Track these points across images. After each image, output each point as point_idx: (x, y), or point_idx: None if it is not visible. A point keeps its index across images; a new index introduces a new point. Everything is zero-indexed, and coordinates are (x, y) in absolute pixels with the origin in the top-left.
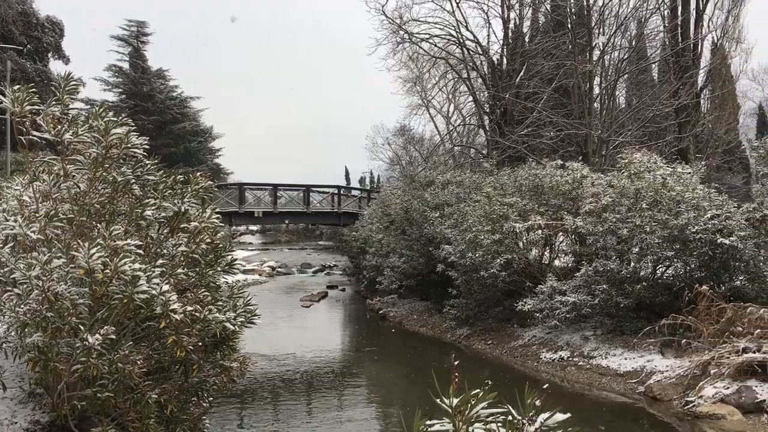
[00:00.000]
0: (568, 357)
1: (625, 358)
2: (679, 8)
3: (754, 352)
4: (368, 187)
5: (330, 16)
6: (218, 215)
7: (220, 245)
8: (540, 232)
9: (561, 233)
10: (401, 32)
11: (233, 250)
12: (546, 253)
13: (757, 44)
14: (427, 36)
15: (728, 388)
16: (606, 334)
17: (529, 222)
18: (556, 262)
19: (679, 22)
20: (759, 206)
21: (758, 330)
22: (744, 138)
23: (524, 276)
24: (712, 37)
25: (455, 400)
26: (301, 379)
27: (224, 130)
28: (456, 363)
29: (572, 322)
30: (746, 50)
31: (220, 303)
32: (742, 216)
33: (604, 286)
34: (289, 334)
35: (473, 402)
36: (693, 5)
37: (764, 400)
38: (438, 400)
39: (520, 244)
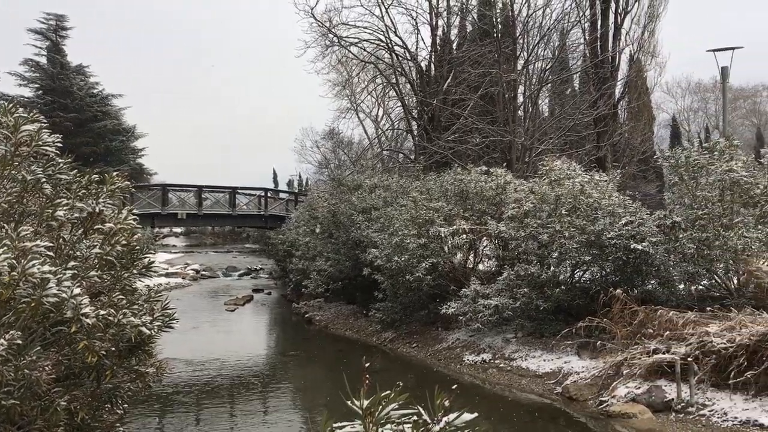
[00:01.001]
0: (490, 359)
1: (544, 360)
2: (599, 22)
3: (664, 353)
4: (296, 190)
5: (259, 16)
6: (136, 216)
7: (137, 247)
8: (465, 236)
9: (485, 238)
10: (330, 35)
11: (152, 252)
12: (470, 257)
13: (671, 59)
14: (357, 40)
15: (639, 387)
16: (526, 337)
17: (454, 226)
18: (480, 266)
19: (598, 35)
20: (669, 214)
21: (667, 332)
22: (658, 148)
23: (449, 280)
24: (630, 51)
25: (366, 402)
26: (224, 384)
27: (149, 130)
28: (367, 365)
29: (494, 325)
30: (660, 64)
31: (136, 307)
32: (654, 223)
33: (525, 289)
34: (213, 338)
35: (384, 403)
36: (611, 19)
37: (672, 399)
38: (349, 402)
39: (446, 248)
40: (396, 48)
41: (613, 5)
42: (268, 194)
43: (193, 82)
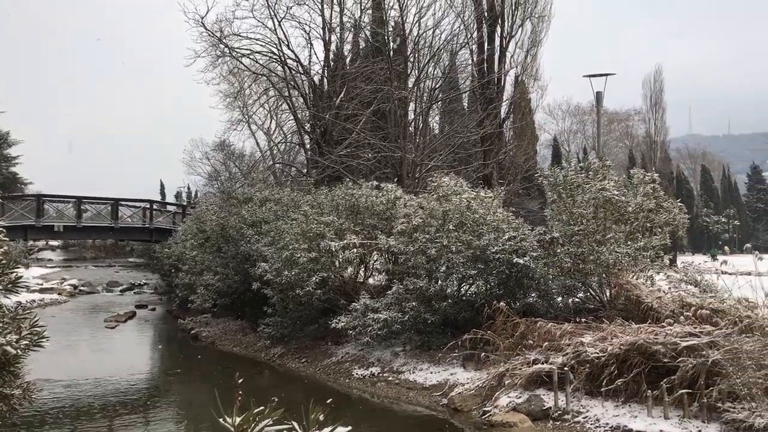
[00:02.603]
0: (379, 373)
1: (431, 373)
2: (485, 44)
3: (543, 363)
4: (184, 203)
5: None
6: (2, 229)
7: (3, 261)
8: (355, 250)
9: (375, 252)
10: (221, 46)
11: (20, 267)
12: (361, 271)
13: (552, 82)
14: (249, 52)
15: (520, 397)
16: (414, 350)
17: (345, 241)
18: (371, 280)
19: (485, 57)
20: (548, 229)
21: (546, 342)
22: (540, 167)
23: (339, 294)
24: (514, 73)
25: (238, 419)
26: (101, 406)
27: (27, 137)
28: (240, 381)
29: (384, 338)
30: (542, 87)
31: (0, 325)
32: (535, 238)
33: (414, 303)
34: (91, 357)
35: (258, 419)
36: (497, 43)
37: (550, 407)
38: (221, 420)
39: (336, 262)
40: (289, 61)
41: (498, 29)
42: (154, 206)
43: (78, 91)
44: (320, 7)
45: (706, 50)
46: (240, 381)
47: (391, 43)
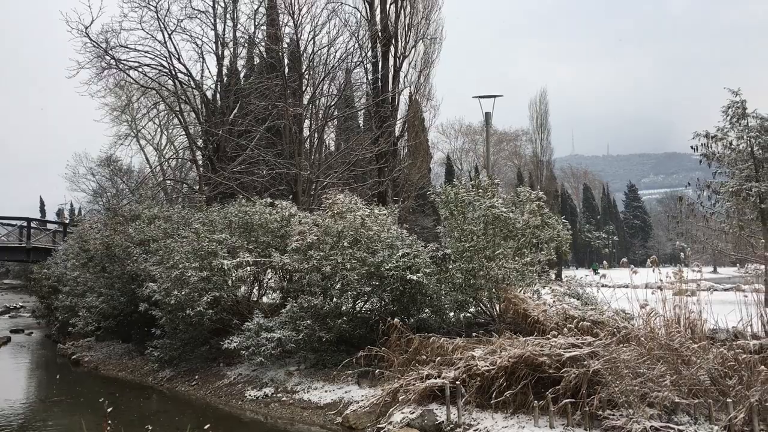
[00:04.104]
0: (273, 393)
1: (326, 391)
2: (380, 63)
3: (436, 378)
4: (67, 221)
5: (31, 32)
6: None
7: None
8: (249, 269)
9: (270, 270)
10: (107, 57)
11: None
12: (255, 289)
13: (445, 102)
14: (137, 64)
15: (414, 412)
16: (309, 369)
17: (238, 259)
18: (265, 299)
19: (380, 76)
20: (441, 246)
21: (439, 357)
22: (434, 184)
23: (232, 313)
24: (408, 92)
25: None
26: None
27: None
28: (109, 410)
29: (278, 358)
30: (435, 106)
31: None
32: (428, 254)
33: (309, 321)
34: None
35: None
36: (391, 62)
37: (443, 422)
38: None
39: (229, 281)
40: (180, 75)
41: (392, 49)
42: (32, 225)
43: None
44: (213, 21)
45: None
46: (109, 410)
47: (286, 60)
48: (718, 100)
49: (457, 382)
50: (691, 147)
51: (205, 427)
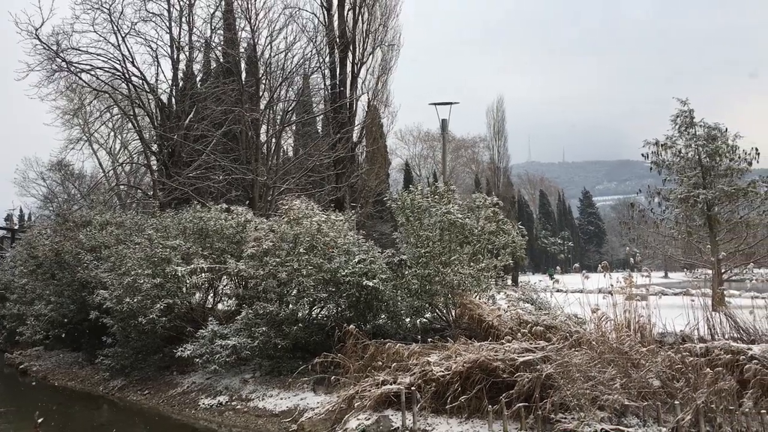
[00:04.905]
0: (227, 401)
1: (281, 398)
2: (337, 69)
3: (391, 384)
4: (15, 226)
5: None
6: None
7: None
8: (204, 275)
9: (225, 277)
10: (58, 60)
11: None
12: (210, 296)
13: (403, 108)
14: (89, 67)
15: (369, 419)
16: (265, 376)
17: (193, 265)
18: (220, 306)
19: (338, 82)
20: (397, 252)
21: (395, 363)
22: (392, 190)
23: (186, 321)
24: (366, 98)
25: None
26: None
27: None
28: (40, 420)
29: (232, 365)
30: (393, 113)
31: None
32: (384, 260)
33: (264, 328)
34: None
35: None
36: (349, 69)
37: (398, 428)
38: None
39: (183, 288)
40: (134, 78)
41: (350, 55)
42: None
43: None
44: (168, 24)
45: (544, 85)
46: (40, 420)
47: (243, 64)
48: (668, 109)
49: (413, 388)
50: (642, 155)
51: None
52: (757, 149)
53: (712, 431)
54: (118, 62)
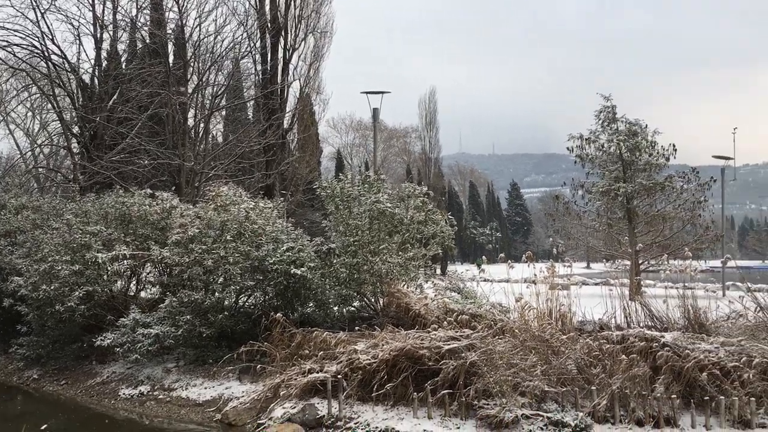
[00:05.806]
0: (149, 391)
1: (206, 388)
2: (269, 55)
3: (318, 372)
4: None
5: None
6: None
7: None
8: (126, 262)
9: (149, 264)
10: None
11: None
12: (132, 284)
13: (336, 97)
14: (5, 44)
15: (295, 407)
16: (189, 365)
17: (114, 252)
18: (143, 294)
19: (269, 68)
20: (326, 240)
21: (321, 351)
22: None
23: (107, 309)
24: (298, 85)
25: None
26: None
27: None
28: None
29: (155, 355)
30: (324, 100)
31: None
32: (313, 248)
33: (189, 316)
34: None
35: None
36: (280, 54)
37: (324, 416)
38: None
39: (104, 275)
40: (54, 57)
41: (282, 41)
42: None
43: None
44: (91, 1)
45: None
46: None
47: (171, 46)
48: (593, 104)
49: (339, 376)
50: (567, 148)
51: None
52: (674, 145)
53: (626, 415)
54: (36, 39)
